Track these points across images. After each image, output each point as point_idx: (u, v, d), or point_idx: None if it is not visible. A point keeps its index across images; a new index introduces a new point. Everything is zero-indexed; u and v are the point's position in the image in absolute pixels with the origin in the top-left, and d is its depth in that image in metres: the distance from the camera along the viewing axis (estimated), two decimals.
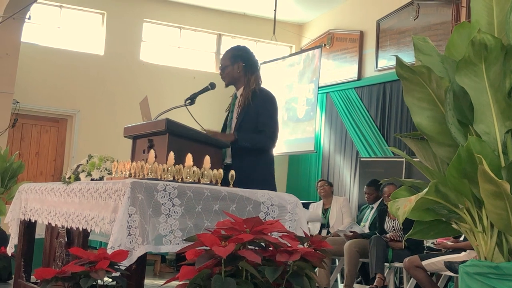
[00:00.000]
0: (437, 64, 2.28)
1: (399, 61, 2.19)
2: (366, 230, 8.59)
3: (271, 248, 2.57)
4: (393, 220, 8.00)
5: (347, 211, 9.45)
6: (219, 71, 5.02)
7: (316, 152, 12.15)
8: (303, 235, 2.88)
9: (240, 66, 4.88)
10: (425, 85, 2.20)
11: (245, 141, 4.65)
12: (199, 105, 4.93)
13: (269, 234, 2.52)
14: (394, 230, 7.89)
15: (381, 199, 8.80)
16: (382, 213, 8.22)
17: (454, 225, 2.37)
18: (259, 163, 4.70)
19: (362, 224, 8.84)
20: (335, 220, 9.33)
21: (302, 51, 12.85)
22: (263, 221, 2.58)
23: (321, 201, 9.75)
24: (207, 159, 3.85)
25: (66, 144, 11.96)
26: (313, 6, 12.74)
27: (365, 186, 9.08)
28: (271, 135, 4.76)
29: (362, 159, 10.89)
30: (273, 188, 4.58)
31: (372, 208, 8.88)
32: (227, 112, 5.03)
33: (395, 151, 2.58)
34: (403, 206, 2.08)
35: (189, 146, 4.09)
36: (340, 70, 12.10)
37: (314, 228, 9.43)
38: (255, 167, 4.63)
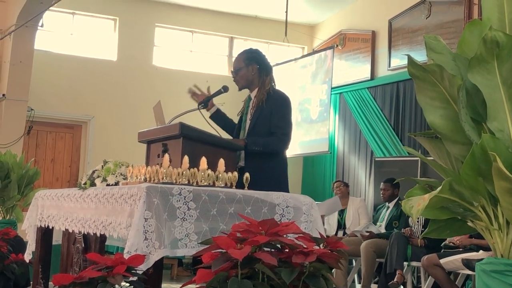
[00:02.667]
0: (449, 62, 2.28)
1: (411, 60, 2.19)
2: (383, 230, 8.57)
3: (287, 250, 2.57)
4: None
5: (364, 212, 9.44)
6: (233, 74, 5.01)
7: (331, 153, 12.14)
8: (319, 236, 2.88)
9: (254, 68, 4.88)
10: (437, 84, 2.19)
11: (255, 145, 4.63)
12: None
13: (284, 235, 2.53)
14: (418, 224, 7.87)
15: (398, 197, 8.79)
16: None
17: (469, 223, 2.36)
18: (272, 165, 4.69)
19: (378, 224, 8.82)
20: (352, 221, 9.31)
21: (314, 52, 12.84)
22: (279, 223, 2.58)
23: (336, 196, 9.72)
24: (221, 162, 3.85)
25: (81, 150, 12.02)
26: (325, 7, 12.73)
27: (382, 183, 9.03)
28: (283, 137, 4.74)
29: (376, 159, 10.87)
30: (286, 190, 4.57)
31: (388, 207, 8.85)
32: (240, 115, 5.02)
33: (409, 150, 2.58)
34: (416, 204, 2.08)
35: (203, 149, 4.09)
36: (353, 70, 12.09)
37: (331, 229, 9.41)
38: (268, 169, 4.62)
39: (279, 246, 2.63)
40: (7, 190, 7.61)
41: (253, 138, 4.68)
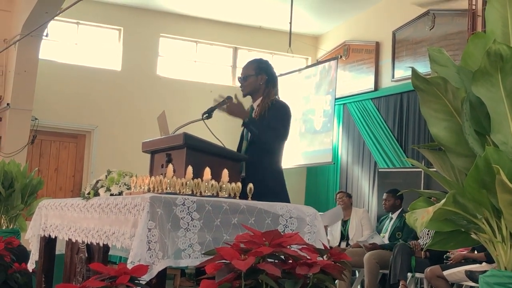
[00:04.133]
0: (453, 75, 2.29)
1: (415, 73, 2.20)
2: (386, 241, 8.57)
3: (290, 261, 2.57)
4: None
5: (367, 223, 9.44)
6: (240, 80, 5.05)
7: (334, 163, 12.13)
8: (322, 248, 2.88)
9: (263, 78, 4.96)
10: (441, 96, 2.20)
11: (253, 125, 4.71)
12: (216, 118, 4.94)
13: (288, 247, 2.53)
14: (428, 236, 7.89)
15: (401, 208, 8.79)
16: None
17: (473, 236, 2.36)
18: (270, 175, 4.74)
19: (381, 235, 8.81)
20: (355, 232, 9.31)
21: (318, 63, 12.86)
22: (282, 233, 2.58)
23: (338, 206, 9.72)
24: (225, 172, 3.86)
25: (85, 160, 12.03)
26: (329, 18, 12.76)
27: (384, 193, 9.05)
28: (278, 133, 4.79)
29: (380, 170, 10.86)
30: (287, 200, 4.60)
31: (392, 218, 8.85)
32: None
33: (412, 162, 2.58)
34: (420, 217, 2.08)
35: (207, 159, 4.10)
36: (357, 81, 12.10)
37: (334, 240, 9.41)
38: (267, 179, 4.66)
39: (282, 257, 2.64)
40: (11, 199, 7.60)
41: (255, 119, 4.74)
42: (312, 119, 12.24)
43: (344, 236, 9.48)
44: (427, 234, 7.95)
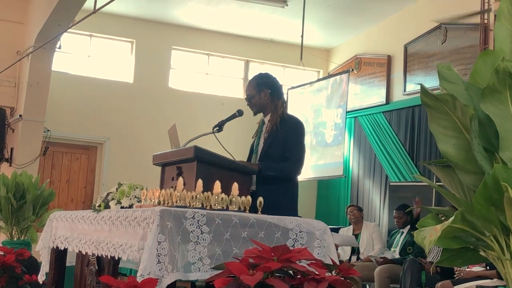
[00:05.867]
0: (461, 91, 2.29)
1: (423, 89, 2.20)
2: (397, 256, 8.54)
3: (299, 276, 2.57)
4: None
5: (378, 237, 9.41)
6: (246, 101, 5.03)
7: (345, 176, 12.11)
8: (331, 263, 2.88)
9: (266, 93, 4.92)
10: (450, 113, 2.20)
11: (270, 170, 4.65)
12: (226, 132, 4.96)
13: (296, 262, 2.53)
14: (438, 250, 7.86)
15: (412, 223, 8.76)
16: None
17: (482, 253, 2.35)
18: (284, 190, 4.71)
19: (392, 249, 8.78)
20: (366, 246, 9.29)
21: (329, 76, 12.87)
22: (291, 248, 2.58)
23: (351, 226, 9.71)
24: (235, 186, 3.86)
25: (96, 172, 12.06)
26: (340, 31, 12.78)
27: (394, 211, 9.05)
28: (297, 162, 4.76)
29: (391, 184, 10.84)
30: (296, 215, 4.57)
31: (403, 233, 8.83)
32: (254, 138, 5.05)
33: (421, 178, 2.57)
34: (428, 235, 2.08)
35: (217, 173, 4.11)
36: (368, 94, 12.10)
37: (344, 254, 9.38)
38: (279, 193, 4.63)
39: (291, 272, 2.63)
40: (22, 210, 7.64)
41: (268, 163, 4.70)
42: (323, 132, 12.24)
43: (355, 250, 9.45)
44: (438, 248, 7.92)
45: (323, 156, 12.11)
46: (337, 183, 12.59)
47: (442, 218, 2.31)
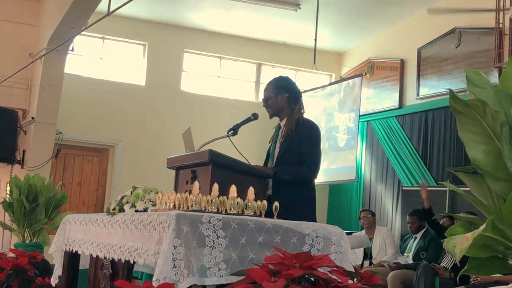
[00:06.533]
0: (491, 97, 2.24)
1: (453, 95, 2.16)
2: (410, 261, 8.48)
3: (321, 283, 2.53)
4: None
5: (390, 241, 9.35)
6: (263, 102, 5.00)
7: (357, 181, 12.05)
8: (351, 269, 2.83)
9: (284, 97, 4.88)
10: (479, 119, 2.15)
11: (285, 174, 4.63)
12: (240, 135, 4.92)
13: (318, 269, 2.49)
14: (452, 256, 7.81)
15: (425, 228, 8.71)
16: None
17: (510, 261, 2.30)
18: (301, 194, 4.67)
19: (405, 254, 8.73)
20: (378, 251, 9.23)
21: (342, 79, 12.82)
22: (313, 255, 2.54)
23: (363, 231, 9.66)
24: (251, 190, 3.82)
25: (108, 174, 12.05)
26: (353, 35, 12.74)
27: (408, 216, 8.99)
28: (313, 166, 4.74)
29: (404, 188, 10.78)
30: (314, 219, 4.54)
31: (416, 238, 8.77)
32: (270, 142, 5.02)
33: (449, 185, 2.52)
34: (459, 243, 2.03)
35: (232, 177, 4.07)
36: (381, 98, 12.04)
37: (357, 259, 9.33)
38: (296, 198, 4.60)
39: (312, 279, 2.60)
40: (35, 213, 7.63)
41: (282, 166, 4.68)
42: (335, 136, 12.19)
43: (367, 255, 9.40)
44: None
45: (336, 160, 12.05)
46: (349, 187, 12.53)
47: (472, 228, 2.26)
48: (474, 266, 2.29)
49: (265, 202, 3.82)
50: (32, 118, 10.55)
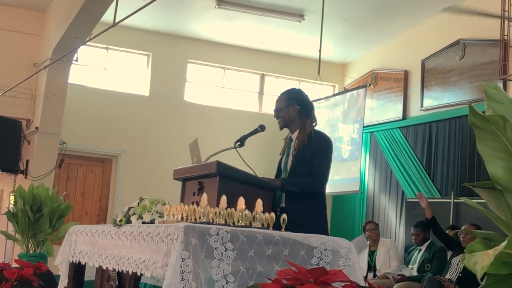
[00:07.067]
0: (510, 112, 2.22)
1: (472, 110, 2.14)
2: (414, 273, 8.45)
3: None
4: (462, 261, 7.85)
5: (394, 254, 9.32)
6: (274, 113, 4.99)
7: (362, 192, 12.02)
8: (361, 283, 2.82)
9: (295, 109, 4.87)
10: (499, 135, 2.13)
11: (293, 185, 4.62)
12: (246, 146, 4.91)
13: (332, 284, 2.47)
14: (457, 267, 7.79)
15: (430, 240, 8.68)
16: (455, 247, 8.11)
17: None
18: (312, 207, 4.66)
19: (410, 266, 8.70)
20: (382, 263, 9.20)
21: (346, 90, 12.82)
22: (328, 270, 2.52)
23: (367, 242, 9.62)
24: (259, 202, 3.81)
25: (111, 184, 12.03)
26: (357, 46, 12.74)
27: (412, 228, 8.96)
28: (320, 177, 4.75)
29: (408, 200, 10.75)
30: (326, 232, 4.52)
31: (420, 250, 8.74)
32: (281, 155, 5.01)
33: (467, 201, 2.49)
34: (481, 260, 2.01)
35: (239, 188, 4.07)
36: (385, 109, 12.03)
37: (361, 271, 9.29)
38: (308, 211, 4.59)
39: None
40: (39, 223, 7.61)
41: (291, 178, 4.67)
42: (339, 147, 12.17)
43: (371, 267, 9.37)
44: (457, 264, 7.83)
45: (339, 171, 12.03)
46: (352, 198, 12.50)
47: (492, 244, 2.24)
48: (492, 283, 2.27)
49: (273, 214, 3.81)
50: (36, 128, 10.55)
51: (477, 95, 9.86)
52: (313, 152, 4.72)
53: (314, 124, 4.91)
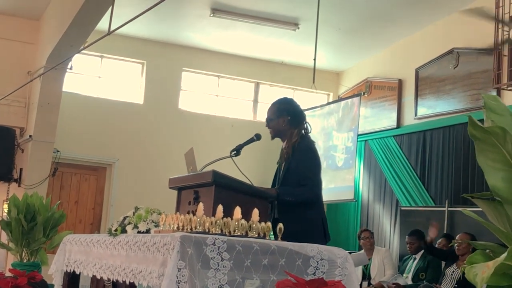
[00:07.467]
0: (509, 123, 2.22)
1: (472, 121, 2.14)
2: (409, 282, 8.44)
3: None
4: (458, 269, 7.84)
5: (389, 262, 9.31)
6: (266, 123, 4.99)
7: (356, 201, 12.02)
8: None
9: (285, 120, 4.87)
10: (499, 146, 2.13)
11: (287, 195, 4.63)
12: (242, 155, 4.90)
13: None
14: (451, 277, 7.79)
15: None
16: (449, 256, 8.10)
17: None
18: (307, 216, 4.67)
19: (405, 275, 8.69)
20: (377, 272, 9.19)
21: (340, 99, 12.82)
22: (326, 281, 2.52)
23: (362, 251, 9.61)
24: (255, 211, 3.80)
25: (105, 193, 12.00)
26: (351, 54, 12.76)
27: (407, 236, 8.96)
28: (314, 187, 4.75)
29: (402, 208, 10.75)
30: (323, 241, 4.51)
31: (415, 258, 8.73)
32: (278, 163, 5.02)
33: (469, 214, 2.48)
34: (481, 272, 2.00)
35: (235, 198, 4.06)
36: (379, 118, 12.04)
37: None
38: (304, 219, 4.60)
39: None
40: (33, 232, 7.58)
41: (285, 188, 4.67)
42: (334, 156, 12.17)
43: (365, 276, 9.35)
44: (451, 275, 7.83)
45: (334, 180, 12.02)
46: (347, 207, 12.50)
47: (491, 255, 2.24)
48: None
49: (269, 223, 3.81)
50: (30, 136, 10.51)
51: (471, 104, 9.89)
52: (297, 163, 4.71)
53: (305, 132, 4.89)
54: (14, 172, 10.75)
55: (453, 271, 7.78)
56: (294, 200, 4.63)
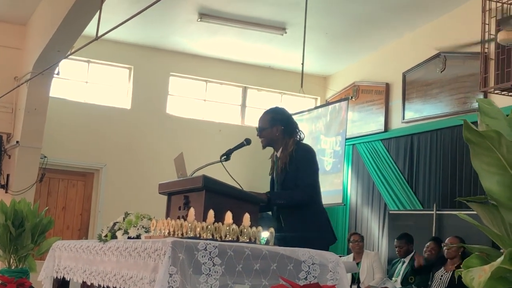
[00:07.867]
0: (504, 127, 2.23)
1: (467, 125, 2.15)
2: (398, 286, 8.46)
3: None
4: (446, 272, 7.85)
5: (378, 266, 9.33)
6: (257, 132, 4.99)
7: (345, 205, 12.03)
8: None
9: (279, 129, 4.89)
10: (494, 150, 2.14)
11: (279, 198, 4.64)
12: (231, 160, 4.90)
13: None
14: (440, 281, 7.80)
15: (413, 252, 8.69)
16: (439, 260, 8.13)
17: None
18: (307, 219, 4.69)
19: (393, 279, 8.71)
20: (366, 275, 9.21)
21: (328, 103, 12.84)
22: (305, 280, 2.51)
23: (351, 255, 9.63)
24: (246, 216, 3.80)
25: (93, 199, 11.94)
26: (338, 59, 12.79)
27: (396, 240, 8.98)
28: (307, 188, 4.76)
29: (390, 212, 10.77)
30: (325, 246, 4.49)
31: (404, 262, 8.75)
32: (271, 174, 5.03)
33: (465, 218, 2.48)
34: (477, 276, 2.01)
35: (225, 202, 4.06)
36: (366, 122, 12.07)
37: None
38: (304, 223, 4.63)
39: None
40: (21, 238, 7.53)
41: (276, 191, 4.68)
42: (322, 160, 12.15)
43: (354, 279, 9.36)
44: (440, 279, 7.85)
45: (322, 184, 11.68)
46: (335, 211, 12.50)
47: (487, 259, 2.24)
48: None
49: (260, 228, 3.81)
50: (17, 142, 10.46)
51: (458, 108, 9.93)
52: (297, 166, 4.74)
53: (298, 139, 4.92)
54: (1, 178, 10.70)
55: (442, 275, 7.81)
56: (286, 203, 4.65)
